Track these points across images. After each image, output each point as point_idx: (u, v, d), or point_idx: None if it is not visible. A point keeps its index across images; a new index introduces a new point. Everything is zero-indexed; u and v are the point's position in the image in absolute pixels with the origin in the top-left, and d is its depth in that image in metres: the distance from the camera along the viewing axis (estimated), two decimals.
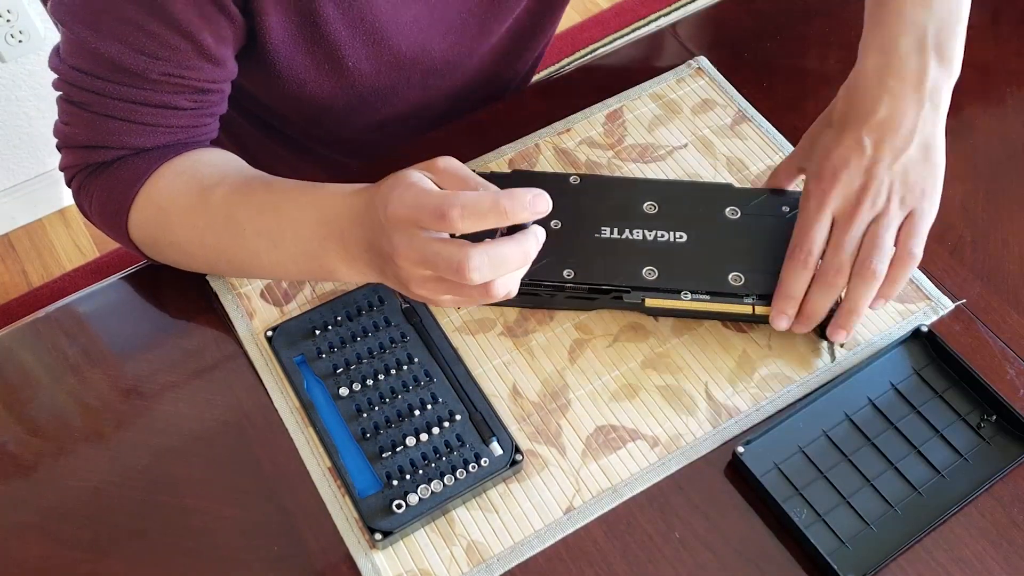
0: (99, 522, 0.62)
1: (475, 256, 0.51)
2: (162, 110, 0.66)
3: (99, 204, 0.69)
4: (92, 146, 0.67)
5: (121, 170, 0.67)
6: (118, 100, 0.65)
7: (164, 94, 0.65)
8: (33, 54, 1.58)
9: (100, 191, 0.68)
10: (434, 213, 0.52)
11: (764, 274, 0.68)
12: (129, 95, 0.64)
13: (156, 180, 0.67)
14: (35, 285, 1.71)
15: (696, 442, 0.65)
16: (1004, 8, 0.92)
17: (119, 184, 0.67)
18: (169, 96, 0.65)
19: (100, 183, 0.68)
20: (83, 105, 0.65)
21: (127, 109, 0.65)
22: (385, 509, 0.60)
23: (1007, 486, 0.63)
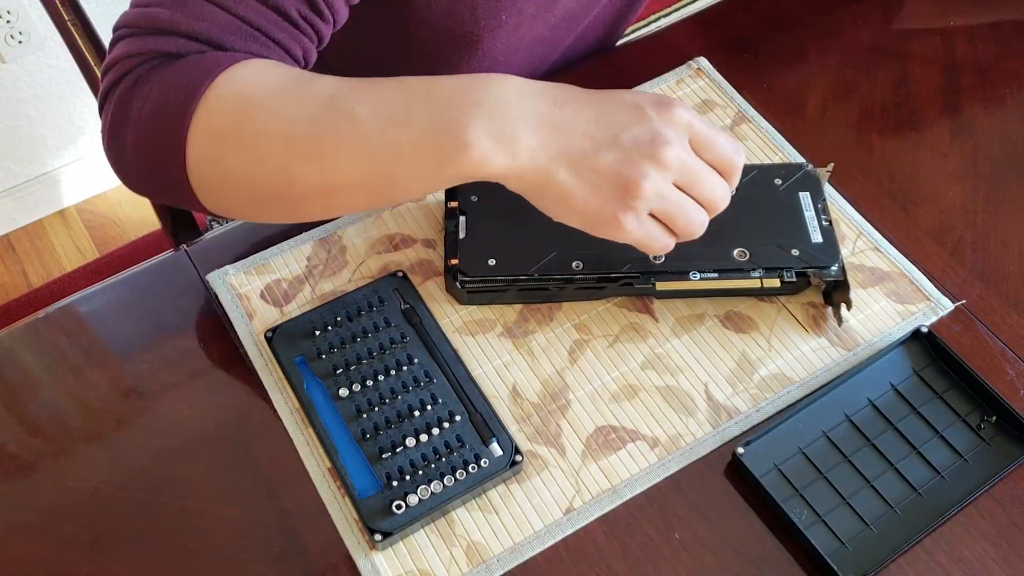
0: (99, 522, 0.62)
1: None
2: (269, 11, 0.58)
3: (159, 95, 0.56)
4: (173, 31, 0.56)
5: (195, 61, 0.56)
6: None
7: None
8: (33, 55, 1.58)
9: (165, 80, 0.56)
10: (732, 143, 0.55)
11: (767, 246, 0.69)
12: None
13: (242, 68, 0.56)
14: (35, 286, 1.71)
15: (696, 443, 0.65)
16: (1004, 9, 0.92)
17: (196, 67, 0.56)
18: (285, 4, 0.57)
19: (168, 72, 0.56)
20: None
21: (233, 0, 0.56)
22: (385, 510, 0.60)
23: (1007, 487, 0.63)
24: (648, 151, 0.51)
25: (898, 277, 0.72)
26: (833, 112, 0.84)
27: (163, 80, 0.56)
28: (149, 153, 0.57)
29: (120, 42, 0.58)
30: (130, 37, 0.58)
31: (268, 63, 0.57)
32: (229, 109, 0.54)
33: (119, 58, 0.58)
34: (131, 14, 0.58)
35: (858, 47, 0.89)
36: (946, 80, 0.86)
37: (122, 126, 0.57)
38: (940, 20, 0.91)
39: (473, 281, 0.69)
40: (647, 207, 0.53)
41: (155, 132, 0.56)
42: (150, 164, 0.58)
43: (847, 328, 0.70)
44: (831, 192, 0.77)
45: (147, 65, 0.57)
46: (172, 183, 0.58)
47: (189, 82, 0.55)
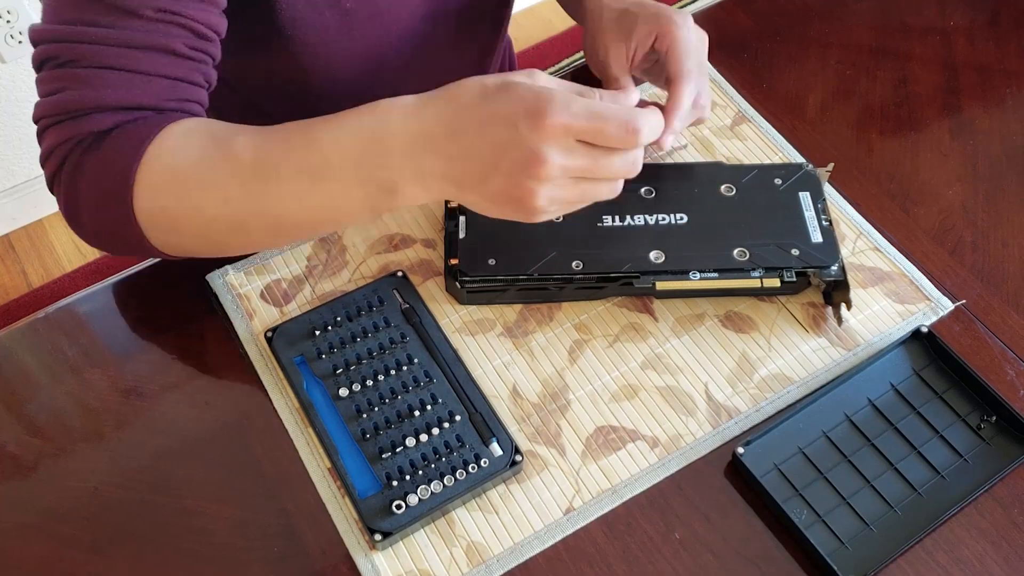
0: (99, 522, 0.62)
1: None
2: (159, 55, 0.60)
3: (96, 180, 0.60)
4: (85, 109, 0.60)
5: (120, 138, 0.60)
6: (113, 46, 0.59)
7: (159, 35, 0.60)
8: None
9: (98, 163, 0.60)
10: (623, 127, 0.52)
11: (767, 246, 0.69)
12: (124, 38, 0.59)
13: (162, 141, 0.59)
14: (35, 286, 1.71)
15: (696, 443, 0.65)
16: (1004, 8, 0.92)
17: (120, 151, 0.59)
18: (164, 38, 0.60)
19: (98, 155, 0.60)
20: (74, 62, 0.59)
21: (123, 56, 0.59)
22: (385, 510, 0.60)
23: (1007, 487, 0.63)
24: (527, 172, 0.52)
25: (898, 277, 0.72)
26: (833, 112, 0.84)
27: (96, 167, 0.60)
28: (107, 233, 0.62)
29: (46, 132, 0.62)
30: (53, 126, 0.61)
31: (185, 126, 0.60)
32: (163, 187, 0.59)
33: (51, 148, 0.61)
34: (44, 104, 0.61)
35: (858, 47, 0.89)
36: (946, 80, 0.86)
37: (75, 212, 0.62)
38: (940, 20, 0.91)
39: (473, 281, 0.69)
40: (550, 205, 0.55)
41: (105, 215, 0.61)
42: (112, 242, 0.63)
43: (847, 328, 0.70)
44: (831, 192, 0.77)
45: (78, 150, 0.61)
46: (139, 249, 0.63)
47: (120, 169, 0.59)
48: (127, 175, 0.59)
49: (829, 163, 0.75)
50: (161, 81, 0.61)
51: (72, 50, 0.59)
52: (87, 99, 0.60)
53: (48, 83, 0.61)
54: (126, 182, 0.59)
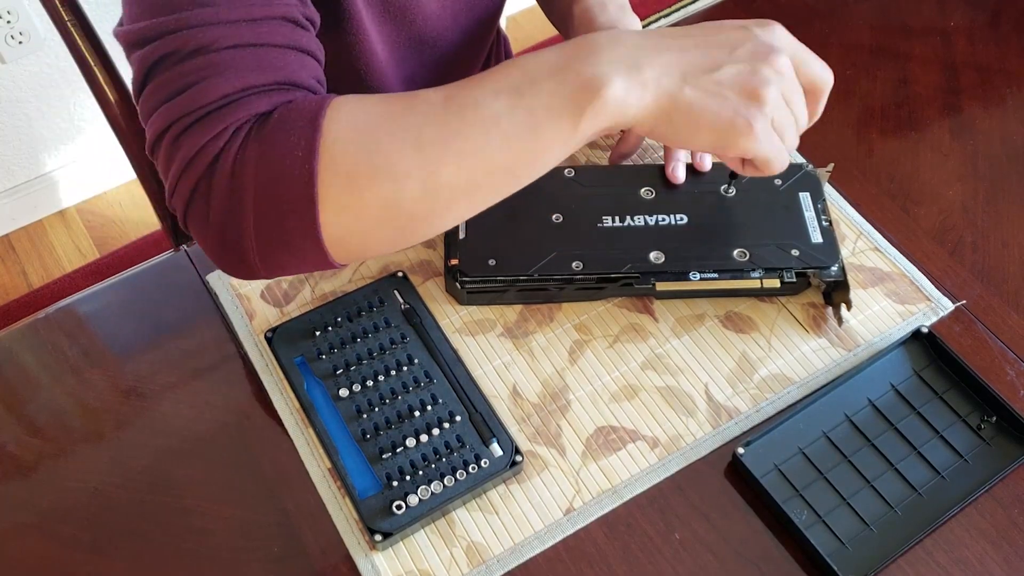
0: (99, 523, 0.62)
1: None
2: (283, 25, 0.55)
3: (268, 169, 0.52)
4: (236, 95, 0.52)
5: (287, 115, 0.53)
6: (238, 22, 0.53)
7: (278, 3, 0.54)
8: (33, 55, 1.58)
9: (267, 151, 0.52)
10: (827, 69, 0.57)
11: (767, 247, 0.69)
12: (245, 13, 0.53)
13: (339, 108, 0.53)
14: (35, 286, 1.71)
15: (696, 443, 0.65)
16: (1004, 8, 0.92)
17: (292, 126, 0.52)
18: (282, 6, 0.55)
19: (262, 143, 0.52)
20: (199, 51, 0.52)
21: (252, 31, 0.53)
22: (385, 510, 0.60)
23: (1007, 487, 0.63)
24: (766, 60, 0.54)
25: (898, 277, 0.72)
26: (833, 112, 0.84)
27: (264, 149, 0.52)
28: (274, 230, 0.53)
29: (179, 141, 0.53)
30: (189, 129, 0.52)
31: (356, 97, 0.54)
32: (351, 149, 0.52)
33: (191, 156, 0.52)
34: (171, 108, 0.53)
35: (858, 47, 0.89)
36: (946, 80, 0.86)
37: (235, 215, 0.53)
38: (940, 20, 0.91)
39: (473, 281, 0.69)
40: (772, 114, 0.55)
41: (278, 203, 0.52)
42: (276, 240, 0.54)
43: (847, 328, 0.70)
44: (831, 192, 0.77)
45: (234, 143, 0.52)
46: (302, 251, 0.54)
47: (296, 140, 0.51)
48: (308, 147, 0.51)
49: (829, 163, 0.75)
50: (295, 54, 0.55)
51: (196, 36, 0.52)
52: (234, 83, 0.52)
53: (172, 83, 0.53)
54: (309, 155, 0.51)
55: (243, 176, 0.52)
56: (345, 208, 0.52)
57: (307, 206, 0.51)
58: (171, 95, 0.53)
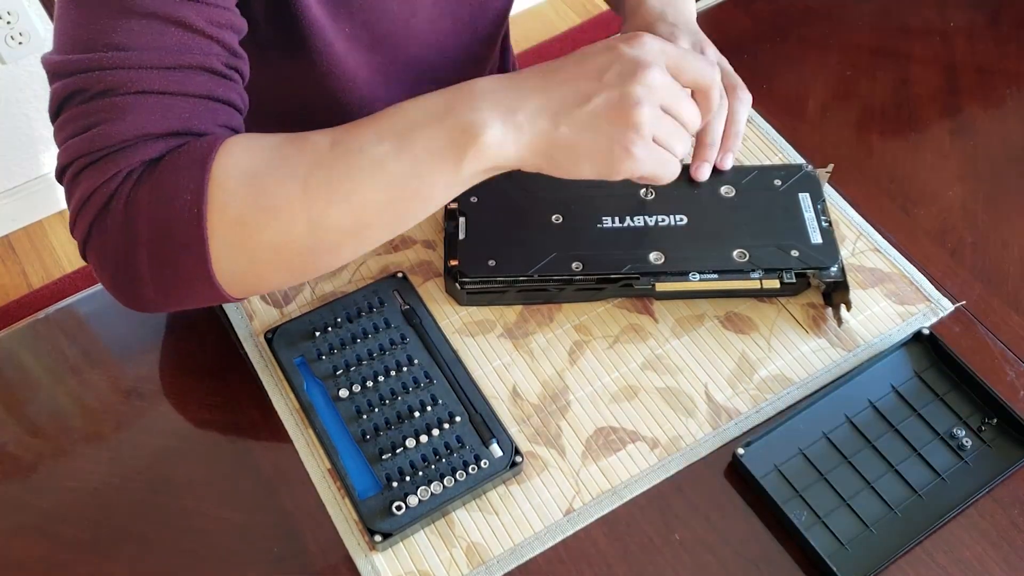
0: (99, 523, 0.62)
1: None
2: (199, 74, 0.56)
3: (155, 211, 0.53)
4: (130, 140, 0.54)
5: (177, 160, 0.54)
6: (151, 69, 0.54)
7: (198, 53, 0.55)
8: (33, 56, 1.58)
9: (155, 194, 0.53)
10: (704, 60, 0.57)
11: (766, 247, 0.69)
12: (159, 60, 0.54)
13: (229, 149, 0.54)
14: (35, 286, 1.71)
15: (696, 444, 0.65)
16: (1004, 9, 0.92)
17: (182, 171, 0.53)
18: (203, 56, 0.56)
19: (152, 187, 0.53)
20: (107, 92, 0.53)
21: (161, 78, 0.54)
22: (385, 511, 0.60)
23: (1007, 488, 0.63)
24: (634, 79, 0.53)
25: (898, 278, 0.72)
26: (833, 112, 0.84)
27: (155, 192, 0.53)
28: (167, 269, 0.55)
29: (79, 177, 0.55)
30: (89, 167, 0.54)
31: (244, 137, 0.56)
32: (239, 191, 0.53)
33: (88, 193, 0.54)
34: (75, 144, 0.54)
35: (858, 48, 0.89)
36: (946, 80, 0.86)
37: (129, 255, 0.54)
38: (940, 20, 0.91)
39: (473, 282, 0.69)
40: (649, 133, 0.55)
41: (170, 245, 0.54)
42: (170, 279, 0.55)
43: (847, 329, 0.70)
44: (831, 193, 0.77)
45: (126, 186, 0.54)
46: (196, 288, 0.56)
47: (186, 184, 0.53)
48: (196, 189, 0.53)
49: (829, 164, 0.75)
50: (203, 102, 0.56)
51: (101, 79, 0.53)
52: (130, 128, 0.54)
53: (77, 120, 0.54)
54: (197, 196, 0.52)
55: (136, 218, 0.53)
56: (235, 248, 0.54)
57: (198, 247, 0.53)
58: (75, 132, 0.54)
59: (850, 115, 0.83)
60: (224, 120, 0.58)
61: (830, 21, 0.91)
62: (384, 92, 0.81)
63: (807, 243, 0.69)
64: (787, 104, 0.84)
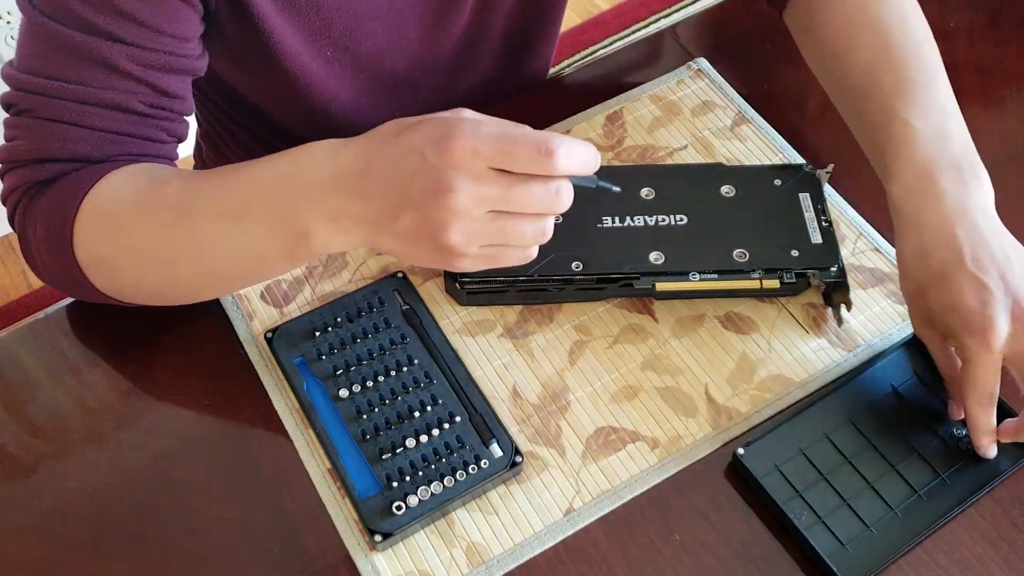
0: (99, 523, 0.62)
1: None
2: (114, 112, 0.61)
3: (43, 226, 0.61)
4: (35, 159, 0.62)
5: (66, 182, 0.61)
6: (66, 100, 0.60)
7: (117, 93, 0.60)
8: None
9: (43, 210, 0.61)
10: (535, 149, 0.48)
11: (767, 247, 0.69)
12: (79, 94, 0.60)
13: (103, 185, 0.60)
14: (35, 286, 1.71)
15: (696, 444, 0.65)
16: (1004, 9, 0.92)
17: (61, 199, 0.61)
18: (121, 96, 0.60)
19: (43, 202, 0.61)
20: (28, 112, 0.61)
21: (75, 111, 0.60)
22: (385, 511, 0.60)
23: (1007, 489, 0.63)
24: (436, 203, 0.49)
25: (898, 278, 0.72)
26: (833, 113, 0.83)
27: (41, 212, 0.62)
28: (57, 276, 0.64)
29: (6, 175, 0.64)
30: (9, 172, 0.63)
31: (125, 173, 0.61)
32: (98, 233, 0.60)
33: (9, 191, 0.64)
34: (3, 149, 0.63)
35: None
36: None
37: (28, 253, 0.64)
38: (940, 20, 0.91)
39: (473, 282, 0.69)
40: (467, 246, 0.51)
41: (53, 260, 0.62)
42: (63, 285, 0.65)
43: (847, 329, 0.70)
44: (831, 193, 0.77)
45: (27, 195, 0.63)
46: (89, 294, 0.64)
47: (59, 214, 0.60)
48: (66, 223, 0.60)
49: (829, 164, 0.75)
50: (111, 137, 0.62)
51: (29, 100, 0.61)
52: (36, 149, 0.61)
53: (7, 128, 0.63)
54: (65, 230, 0.60)
55: (29, 229, 0.63)
56: (102, 276, 0.62)
57: (75, 268, 0.61)
58: (6, 138, 0.63)
59: None
60: (135, 150, 0.63)
61: None
62: (371, 110, 0.81)
63: (807, 243, 0.70)
64: (787, 104, 0.84)
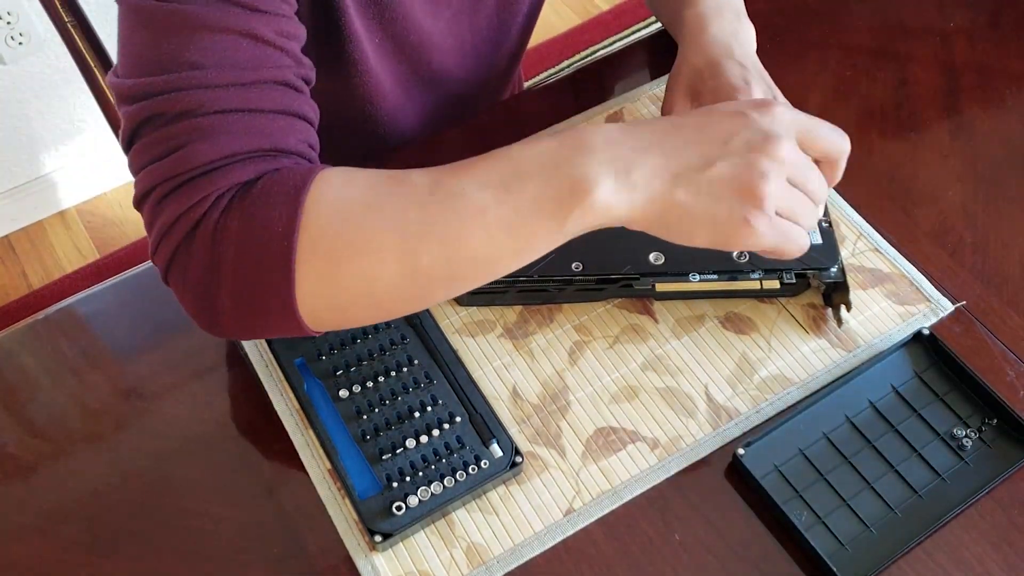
0: (98, 523, 0.62)
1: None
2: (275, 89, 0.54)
3: (245, 238, 0.51)
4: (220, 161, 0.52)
5: (274, 185, 0.52)
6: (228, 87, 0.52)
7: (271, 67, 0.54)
8: (33, 56, 1.58)
9: (249, 221, 0.51)
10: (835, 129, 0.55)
11: None
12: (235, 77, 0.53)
13: (325, 180, 0.53)
14: (35, 287, 1.71)
15: (696, 444, 0.65)
16: (1004, 9, 0.92)
17: (277, 199, 0.52)
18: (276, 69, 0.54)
19: (244, 211, 0.52)
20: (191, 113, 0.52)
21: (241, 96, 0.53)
22: (385, 511, 0.60)
23: (1007, 489, 0.63)
24: (763, 150, 0.51)
25: (898, 278, 0.72)
26: (833, 113, 0.84)
27: (245, 220, 0.51)
28: (250, 298, 0.53)
29: (162, 204, 0.53)
30: (172, 193, 0.52)
31: (343, 171, 0.54)
32: (333, 224, 0.51)
33: (172, 220, 0.52)
34: (156, 170, 0.53)
35: (858, 48, 0.89)
36: (946, 81, 0.86)
37: (212, 283, 0.53)
38: (940, 20, 0.91)
39: None
40: (773, 206, 0.51)
41: (255, 274, 0.52)
42: (250, 307, 0.54)
43: (847, 329, 0.70)
44: (831, 193, 0.77)
45: (216, 210, 0.52)
46: (275, 320, 0.54)
47: (279, 214, 0.51)
48: (289, 219, 0.51)
49: None
50: (284, 118, 0.55)
51: (183, 99, 0.52)
52: (216, 149, 0.52)
53: (157, 145, 0.53)
54: (290, 228, 0.51)
55: (222, 246, 0.52)
56: (323, 283, 0.52)
57: (284, 282, 0.51)
58: (156, 157, 0.52)
59: (850, 115, 0.83)
60: (303, 136, 0.56)
61: (830, 21, 0.91)
62: (407, 102, 0.81)
63: None
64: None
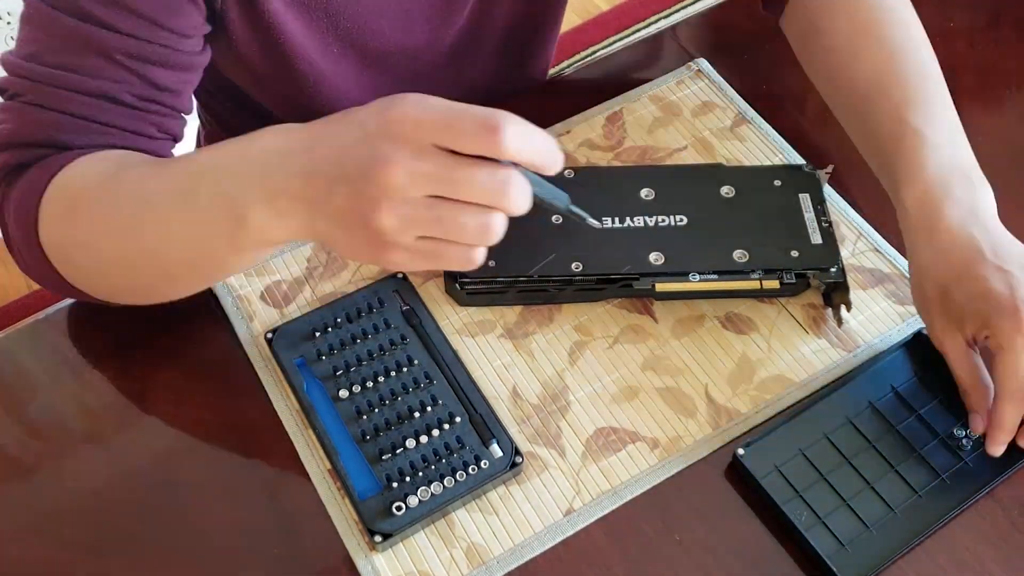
0: (99, 524, 0.62)
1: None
2: (100, 102, 0.59)
3: (13, 212, 0.60)
4: (15, 144, 0.60)
5: (37, 167, 0.59)
6: (54, 87, 0.59)
7: (106, 83, 0.59)
8: None
9: (15, 193, 0.59)
10: (480, 123, 0.43)
11: (766, 248, 0.69)
12: (68, 82, 0.58)
13: (72, 169, 0.58)
14: (35, 287, 1.71)
15: (696, 444, 0.65)
16: (1004, 9, 0.92)
17: (31, 180, 0.59)
18: (110, 85, 0.59)
19: (16, 186, 0.60)
20: (17, 96, 0.60)
21: (61, 97, 0.59)
22: (385, 511, 0.60)
23: (1007, 489, 0.63)
24: (372, 177, 0.44)
25: (898, 278, 0.72)
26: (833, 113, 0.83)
27: (14, 197, 0.60)
28: (32, 267, 0.62)
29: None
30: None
31: (95, 157, 0.59)
32: (60, 216, 0.58)
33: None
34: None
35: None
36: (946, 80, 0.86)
37: (8, 243, 0.63)
38: (940, 20, 0.91)
39: (473, 282, 0.69)
40: (404, 235, 0.46)
41: (26, 248, 0.60)
42: (40, 278, 0.63)
43: (847, 329, 0.70)
44: (831, 193, 0.77)
45: (5, 181, 0.61)
46: (60, 287, 0.63)
47: (28, 197, 0.59)
48: (32, 207, 0.58)
49: (829, 164, 0.75)
50: (95, 126, 0.60)
51: (19, 85, 0.60)
52: (17, 133, 0.60)
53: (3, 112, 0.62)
54: (31, 214, 0.58)
55: (8, 217, 0.61)
56: (67, 263, 0.60)
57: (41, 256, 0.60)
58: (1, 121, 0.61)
59: None
60: (119, 142, 0.61)
61: None
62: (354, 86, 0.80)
63: (807, 243, 0.70)
64: (787, 104, 0.84)
